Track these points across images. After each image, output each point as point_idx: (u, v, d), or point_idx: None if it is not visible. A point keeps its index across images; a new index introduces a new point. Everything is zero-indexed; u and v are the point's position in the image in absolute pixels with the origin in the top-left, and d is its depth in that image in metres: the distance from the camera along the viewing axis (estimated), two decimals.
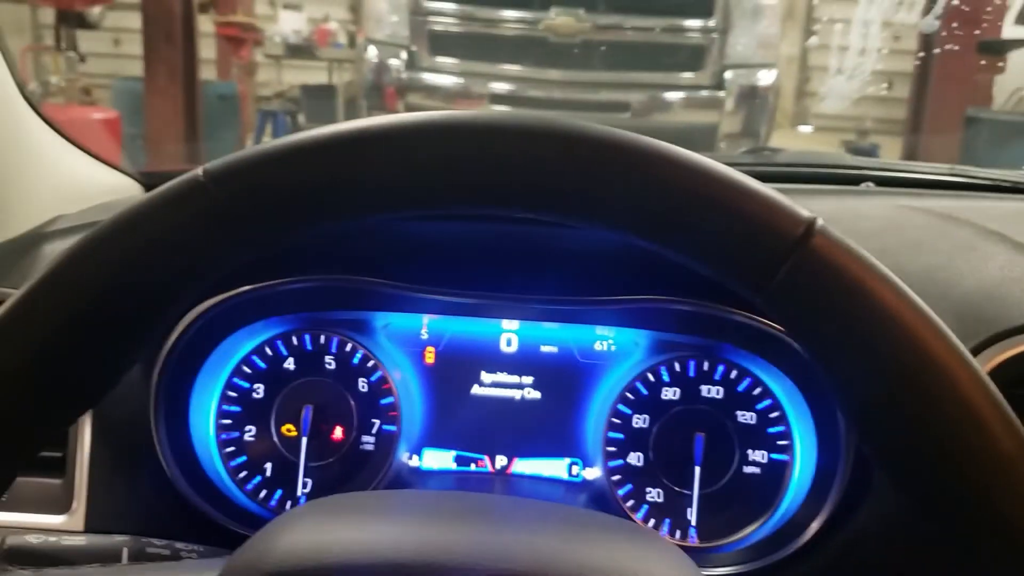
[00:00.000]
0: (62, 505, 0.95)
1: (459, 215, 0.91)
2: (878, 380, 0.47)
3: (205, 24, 8.49)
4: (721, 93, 6.16)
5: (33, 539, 0.74)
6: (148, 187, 1.44)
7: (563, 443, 1.06)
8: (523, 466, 1.07)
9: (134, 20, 7.46)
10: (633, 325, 1.02)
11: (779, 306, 0.50)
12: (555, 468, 1.06)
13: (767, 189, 0.49)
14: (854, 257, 0.48)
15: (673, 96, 6.21)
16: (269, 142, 0.53)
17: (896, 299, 0.47)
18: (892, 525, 0.88)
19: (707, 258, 0.51)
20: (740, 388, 1.02)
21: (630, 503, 1.02)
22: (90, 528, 0.94)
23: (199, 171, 0.52)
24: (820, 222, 0.48)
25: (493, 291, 0.99)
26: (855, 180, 1.41)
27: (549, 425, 1.06)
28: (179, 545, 0.80)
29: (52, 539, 0.75)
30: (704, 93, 6.20)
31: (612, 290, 0.97)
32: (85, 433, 0.96)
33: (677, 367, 1.02)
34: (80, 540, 0.76)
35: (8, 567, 0.53)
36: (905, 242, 1.04)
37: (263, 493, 1.03)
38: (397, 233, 1.00)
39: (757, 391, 1.01)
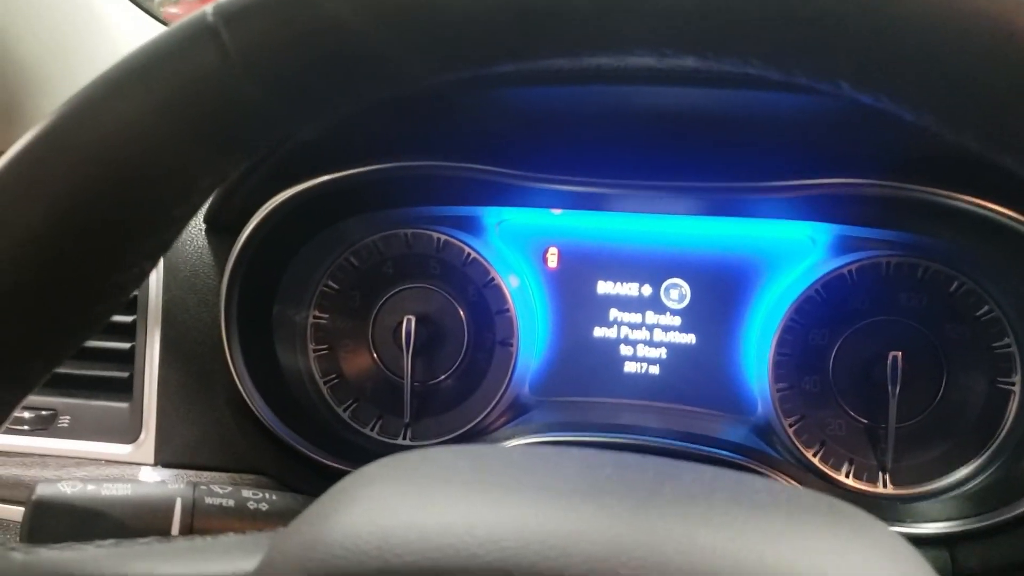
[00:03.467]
0: (130, 433, 0.81)
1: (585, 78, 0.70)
2: None
3: None
4: None
5: (67, 487, 0.59)
6: None
7: (719, 367, 0.87)
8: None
9: None
10: (809, 217, 0.81)
11: None
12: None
13: None
14: None
15: None
16: None
17: None
18: None
19: None
20: (951, 293, 0.80)
21: (804, 438, 0.82)
22: (160, 461, 0.81)
23: (207, 9, 0.34)
24: None
25: (630, 178, 0.79)
26: None
27: (701, 344, 0.87)
28: (247, 493, 0.65)
29: (91, 488, 0.60)
30: None
31: (781, 172, 0.75)
32: (154, 349, 0.81)
33: (868, 269, 0.81)
34: (126, 489, 0.61)
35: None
36: None
37: (363, 418, 0.88)
38: (512, 110, 0.80)
39: (974, 298, 0.79)
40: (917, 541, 0.76)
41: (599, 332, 0.88)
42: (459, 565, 0.34)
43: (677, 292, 0.87)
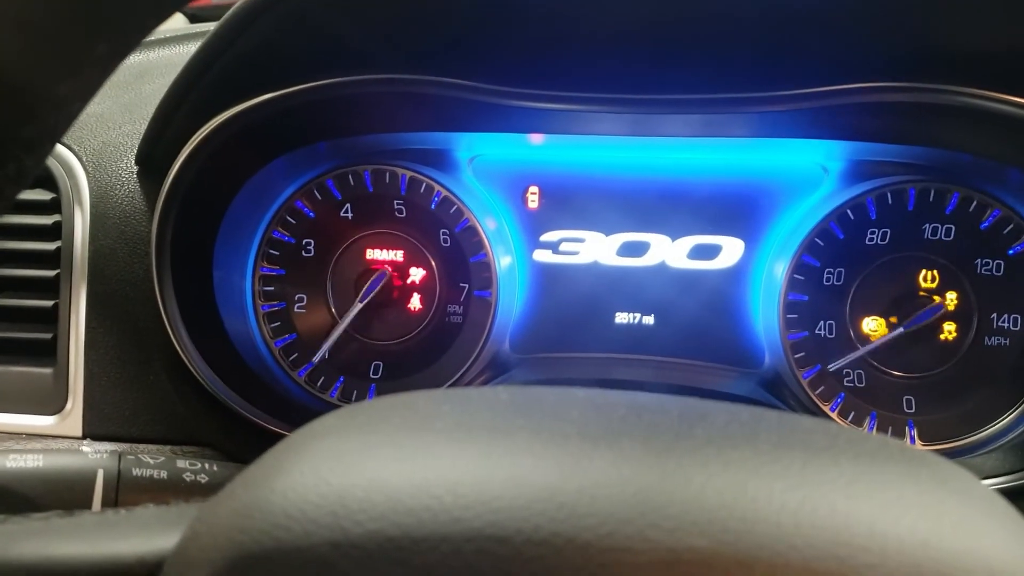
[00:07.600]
0: (54, 402, 0.71)
1: None
2: None
3: None
4: None
5: None
6: None
7: (720, 316, 0.78)
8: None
9: None
10: (823, 133, 0.69)
11: None
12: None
13: None
14: None
15: None
16: None
17: None
18: None
19: None
20: (984, 225, 0.71)
21: (820, 391, 0.73)
22: (89, 433, 0.71)
23: None
24: None
25: (615, 92, 0.67)
26: None
27: (700, 291, 0.78)
28: (183, 463, 0.55)
29: (11, 463, 0.50)
30: None
31: (787, 80, 0.64)
32: (80, 306, 0.71)
33: (888, 198, 0.72)
34: (36, 460, 0.51)
35: None
36: None
37: (321, 381, 0.78)
38: (478, 10, 0.67)
39: (1009, 227, 0.70)
40: None
41: (586, 279, 0.79)
42: (438, 533, 0.25)
43: (672, 233, 0.77)
